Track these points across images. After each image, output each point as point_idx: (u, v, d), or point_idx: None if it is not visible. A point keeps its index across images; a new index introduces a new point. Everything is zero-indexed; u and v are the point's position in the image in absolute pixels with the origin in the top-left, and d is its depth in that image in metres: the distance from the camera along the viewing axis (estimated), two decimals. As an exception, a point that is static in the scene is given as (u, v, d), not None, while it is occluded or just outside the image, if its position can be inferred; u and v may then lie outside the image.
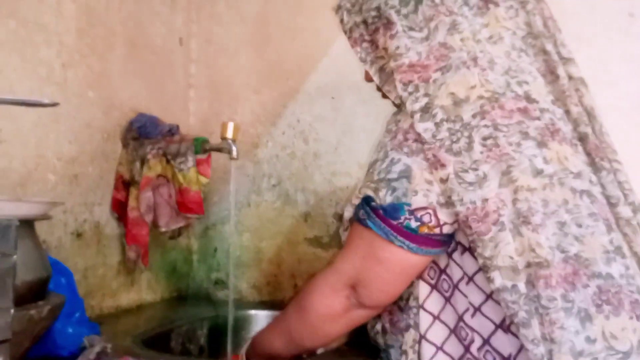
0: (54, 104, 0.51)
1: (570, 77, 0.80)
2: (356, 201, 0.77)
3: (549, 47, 0.79)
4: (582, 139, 0.77)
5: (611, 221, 0.73)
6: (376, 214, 0.73)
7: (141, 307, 1.27)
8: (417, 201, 0.72)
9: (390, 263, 0.75)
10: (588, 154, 0.77)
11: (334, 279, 0.79)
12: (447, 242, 0.76)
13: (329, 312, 0.79)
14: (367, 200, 0.75)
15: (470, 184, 0.70)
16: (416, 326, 0.79)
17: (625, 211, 0.75)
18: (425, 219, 0.72)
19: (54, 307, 0.72)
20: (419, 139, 0.73)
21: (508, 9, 0.78)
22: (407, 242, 0.72)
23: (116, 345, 0.83)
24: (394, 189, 0.72)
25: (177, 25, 1.43)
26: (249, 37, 1.46)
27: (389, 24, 0.77)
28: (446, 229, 0.73)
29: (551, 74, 0.79)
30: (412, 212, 0.72)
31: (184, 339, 1.12)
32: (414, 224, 0.72)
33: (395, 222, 0.72)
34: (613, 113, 0.95)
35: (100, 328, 0.92)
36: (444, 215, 0.72)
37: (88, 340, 0.81)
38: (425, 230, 0.72)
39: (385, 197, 0.73)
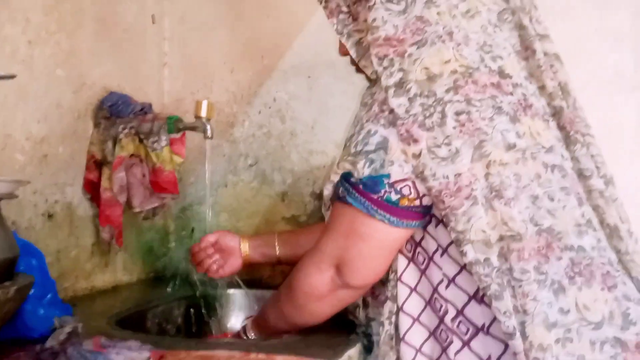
0: (11, 76, 0.49)
1: (545, 53, 0.80)
2: (335, 178, 0.77)
3: (526, 22, 0.80)
4: (557, 112, 0.78)
5: (582, 195, 0.74)
6: (356, 189, 0.73)
7: (117, 288, 1.26)
8: (395, 172, 0.72)
9: (371, 238, 0.75)
10: (562, 128, 0.78)
11: (318, 259, 0.79)
12: (427, 214, 0.76)
13: (314, 291, 0.80)
14: (346, 177, 0.75)
15: (443, 159, 0.70)
16: (393, 298, 0.80)
17: (598, 183, 0.77)
18: (405, 191, 0.72)
19: (22, 287, 0.71)
20: (393, 111, 0.72)
21: None
22: (387, 216, 0.73)
23: (88, 325, 0.82)
24: (372, 161, 0.72)
25: (149, 2, 1.39)
26: (223, 14, 1.43)
27: None
28: (426, 201, 0.74)
29: (526, 50, 0.79)
30: (391, 185, 0.72)
31: (161, 319, 1.12)
32: (394, 196, 0.72)
33: (375, 196, 0.72)
34: (588, 87, 0.96)
35: (74, 309, 0.91)
36: (422, 187, 0.72)
37: (59, 322, 0.79)
38: (405, 202, 0.73)
39: (363, 170, 0.73)
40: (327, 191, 0.79)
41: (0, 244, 0.71)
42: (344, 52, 0.85)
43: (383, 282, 0.84)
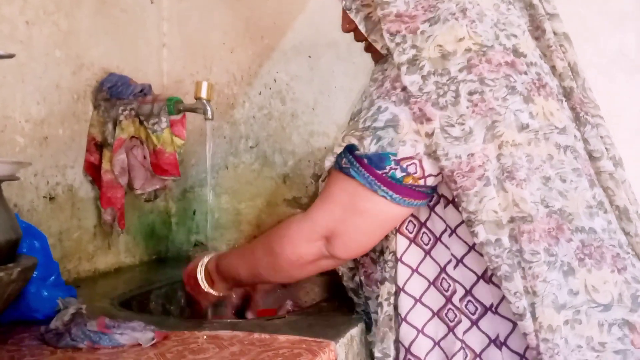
0: (10, 56, 0.48)
1: (555, 33, 0.80)
2: (338, 150, 0.75)
3: (535, 0, 0.79)
4: (568, 93, 0.78)
5: (593, 177, 0.74)
6: (360, 163, 0.72)
7: (119, 270, 1.26)
8: (404, 151, 0.71)
9: (370, 214, 0.74)
10: (573, 109, 0.78)
11: (309, 230, 0.78)
12: (429, 195, 0.75)
13: (299, 260, 0.79)
14: (350, 149, 0.74)
15: (456, 138, 0.69)
16: (392, 279, 0.79)
17: (607, 165, 0.76)
18: (411, 169, 0.71)
19: (25, 269, 0.71)
20: (406, 88, 0.71)
21: None
22: (390, 193, 0.72)
23: (92, 307, 0.83)
24: (379, 138, 0.71)
25: (147, -18, 1.38)
26: (223, -7, 1.42)
27: None
28: (430, 181, 0.73)
29: (537, 29, 0.78)
30: (397, 162, 0.71)
31: (164, 300, 1.12)
32: (399, 174, 0.71)
33: (380, 172, 0.71)
34: (592, 68, 0.95)
35: (77, 291, 0.91)
36: (429, 166, 0.72)
37: (63, 303, 0.80)
38: (410, 181, 0.72)
39: (369, 146, 0.72)
40: (329, 162, 0.77)
41: (2, 225, 0.71)
42: (347, 29, 0.83)
43: (375, 260, 0.84)
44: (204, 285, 0.91)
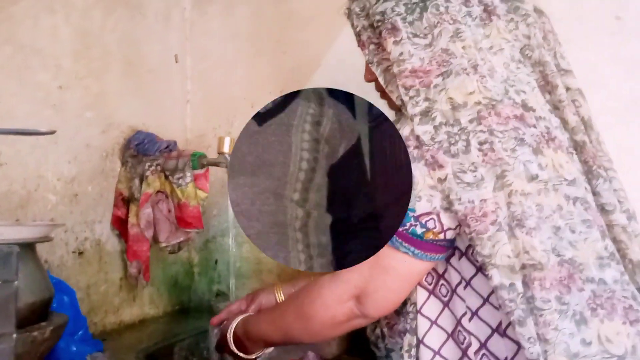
0: (51, 132, 0.52)
1: (567, 88, 0.82)
2: None
3: (548, 58, 0.81)
4: (580, 147, 0.79)
5: (605, 228, 0.75)
6: None
7: (144, 321, 1.29)
8: (421, 207, 0.73)
9: (396, 271, 0.76)
10: (585, 162, 0.79)
11: (340, 290, 0.79)
12: (449, 248, 0.77)
13: (332, 321, 0.81)
14: None
15: (469, 184, 0.71)
16: (413, 330, 0.80)
17: (620, 218, 0.77)
18: (430, 224, 0.73)
19: (57, 327, 0.74)
20: (418, 145, 0.74)
21: (509, 22, 0.80)
22: (412, 249, 0.74)
23: (119, 361, 0.85)
24: None
25: (172, 43, 1.45)
26: (243, 52, 1.48)
27: (394, 29, 0.78)
28: (449, 235, 0.75)
29: (547, 84, 0.81)
30: (417, 219, 0.73)
31: (187, 352, 1.14)
32: (419, 230, 0.73)
33: (400, 229, 0.73)
34: (605, 114, 0.96)
35: (104, 344, 0.94)
36: (447, 220, 0.74)
37: (91, 358, 0.82)
38: (430, 236, 0.74)
39: None
40: None
41: (37, 285, 0.74)
42: (369, 78, 0.87)
43: (398, 312, 0.84)
44: (240, 353, 0.92)
